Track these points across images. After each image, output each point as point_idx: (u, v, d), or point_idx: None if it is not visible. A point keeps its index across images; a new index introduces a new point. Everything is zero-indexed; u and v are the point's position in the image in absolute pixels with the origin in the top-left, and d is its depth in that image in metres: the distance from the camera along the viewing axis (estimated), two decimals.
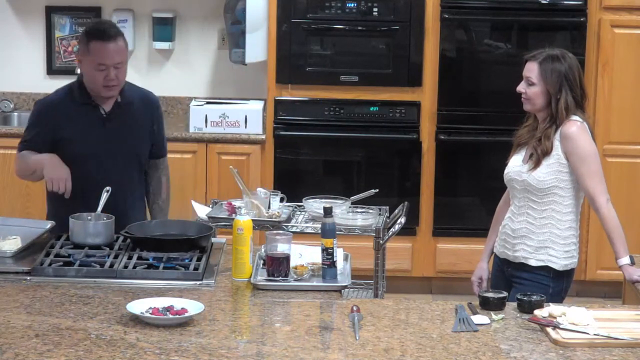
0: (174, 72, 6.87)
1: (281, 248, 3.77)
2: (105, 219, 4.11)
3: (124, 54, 4.31)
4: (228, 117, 6.39)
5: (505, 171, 4.25)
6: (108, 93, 4.32)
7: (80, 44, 4.35)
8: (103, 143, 4.33)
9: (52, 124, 4.34)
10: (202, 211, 4.43)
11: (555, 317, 3.37)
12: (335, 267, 3.79)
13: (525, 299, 3.53)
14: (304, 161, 6.51)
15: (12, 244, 4.00)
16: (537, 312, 3.44)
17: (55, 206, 4.39)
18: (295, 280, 3.76)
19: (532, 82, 4.14)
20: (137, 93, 4.50)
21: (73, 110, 4.35)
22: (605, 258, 6.23)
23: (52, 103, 4.41)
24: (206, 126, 6.37)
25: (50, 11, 6.82)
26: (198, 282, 3.73)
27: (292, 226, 4.33)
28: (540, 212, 4.13)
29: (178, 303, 3.39)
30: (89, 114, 4.35)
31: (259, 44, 6.43)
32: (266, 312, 3.54)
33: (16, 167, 4.50)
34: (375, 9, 6.35)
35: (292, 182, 6.36)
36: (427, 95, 6.42)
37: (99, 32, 4.31)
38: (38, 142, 4.37)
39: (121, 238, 4.10)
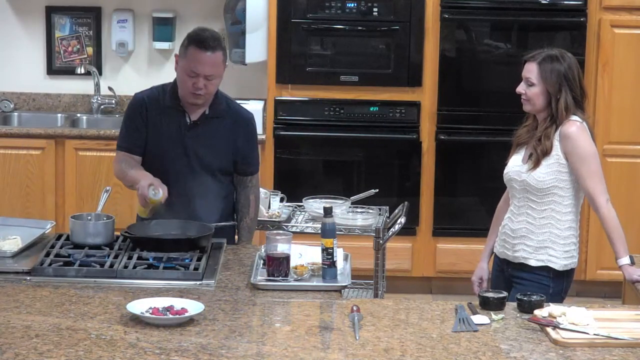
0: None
1: (281, 248, 3.76)
2: (105, 218, 4.11)
3: (218, 68, 4.20)
4: None
5: (505, 171, 4.25)
6: (193, 100, 4.23)
7: (182, 44, 4.27)
8: (181, 149, 4.23)
9: (142, 119, 4.28)
10: None
11: (555, 317, 3.37)
12: (335, 267, 3.79)
13: (525, 299, 3.53)
14: (304, 161, 6.51)
15: (12, 244, 4.00)
16: (537, 312, 3.44)
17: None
18: (295, 280, 3.76)
19: (531, 83, 4.13)
20: (232, 109, 4.36)
21: (161, 110, 4.29)
22: (605, 258, 6.23)
23: (143, 100, 4.33)
24: None
25: (50, 11, 6.82)
26: (198, 282, 3.73)
27: (292, 226, 4.34)
28: (540, 212, 4.13)
29: (178, 303, 3.38)
30: (175, 118, 4.28)
31: (258, 44, 6.43)
32: (266, 312, 3.53)
33: (114, 167, 4.38)
34: (375, 9, 6.35)
35: (292, 182, 6.36)
36: (427, 95, 6.42)
37: (199, 39, 4.20)
38: (133, 138, 4.29)
39: (121, 238, 4.09)
